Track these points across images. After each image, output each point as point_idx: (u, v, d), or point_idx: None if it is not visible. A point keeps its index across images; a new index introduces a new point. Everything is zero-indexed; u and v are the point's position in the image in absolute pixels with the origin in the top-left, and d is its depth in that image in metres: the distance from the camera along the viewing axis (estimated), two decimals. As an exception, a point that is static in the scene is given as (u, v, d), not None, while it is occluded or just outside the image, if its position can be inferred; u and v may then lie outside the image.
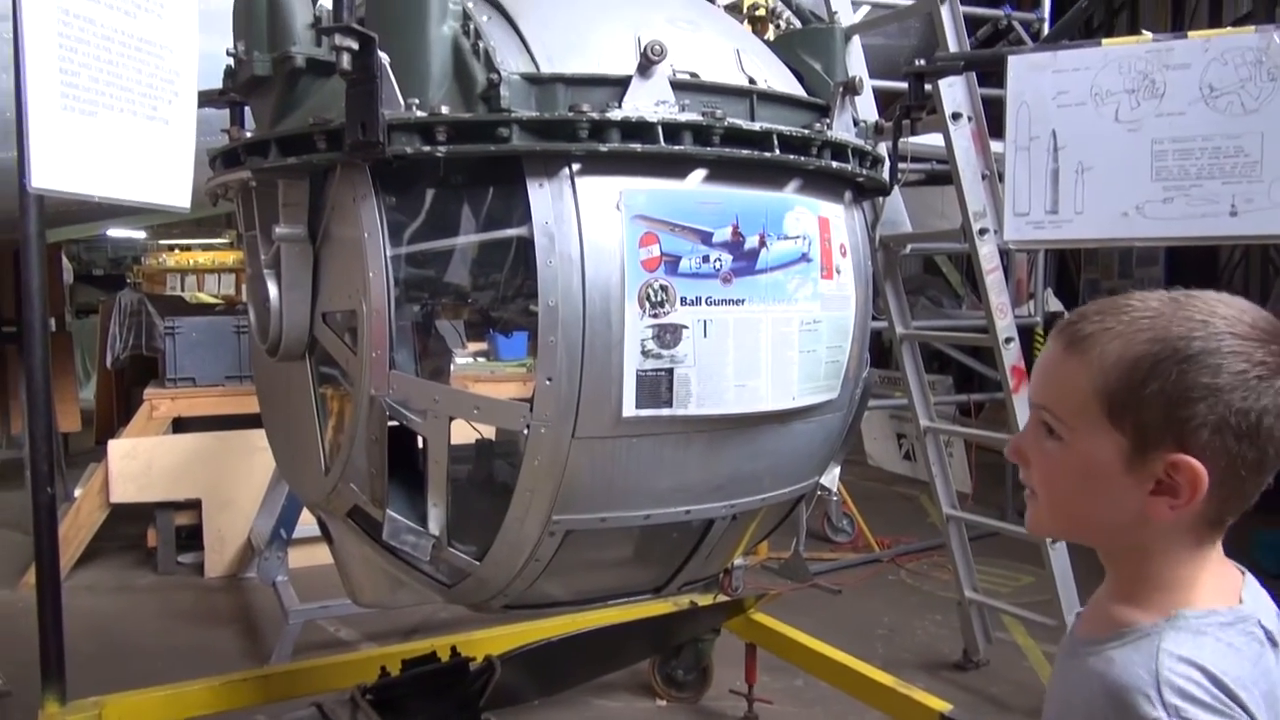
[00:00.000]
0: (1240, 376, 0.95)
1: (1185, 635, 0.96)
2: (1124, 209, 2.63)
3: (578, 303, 1.94)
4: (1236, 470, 0.97)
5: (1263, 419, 0.95)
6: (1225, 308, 0.98)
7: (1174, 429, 0.96)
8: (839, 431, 2.52)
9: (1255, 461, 0.97)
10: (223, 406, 5.58)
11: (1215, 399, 0.94)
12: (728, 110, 2.04)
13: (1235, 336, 0.96)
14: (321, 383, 2.25)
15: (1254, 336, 0.96)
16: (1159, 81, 2.55)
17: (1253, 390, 0.95)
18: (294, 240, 2.10)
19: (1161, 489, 0.98)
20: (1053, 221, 2.72)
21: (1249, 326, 0.97)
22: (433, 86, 1.95)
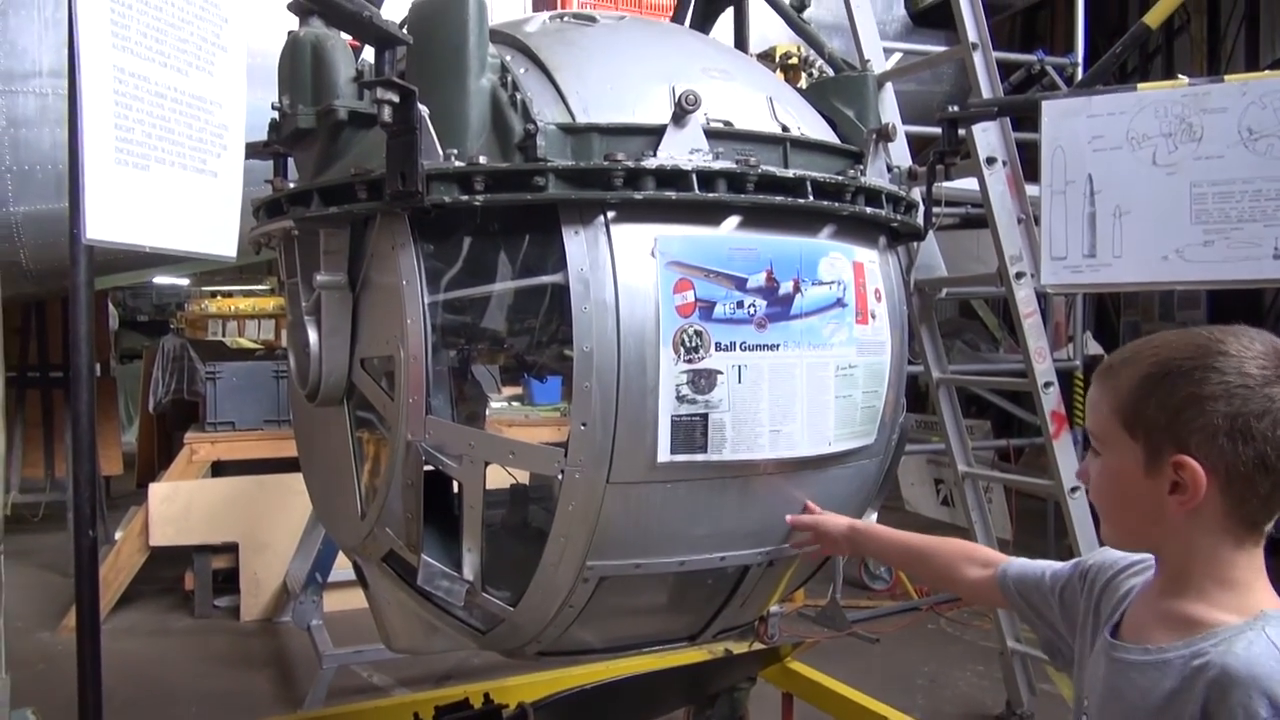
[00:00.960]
0: (1225, 386, 1.11)
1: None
2: (1164, 252, 2.60)
3: (612, 348, 1.95)
4: (1239, 470, 1.11)
5: (1250, 422, 1.10)
6: (1233, 336, 1.15)
7: (1174, 434, 1.14)
8: (876, 477, 2.49)
9: (1256, 461, 1.11)
10: (261, 450, 5.64)
11: (1203, 406, 1.12)
12: (761, 157, 2.05)
13: (1229, 355, 1.12)
14: (358, 427, 2.27)
15: (1250, 354, 1.12)
16: (1196, 125, 2.53)
17: (1238, 397, 1.10)
18: (334, 287, 2.14)
19: (1175, 489, 1.14)
20: (1091, 265, 2.69)
21: (1244, 347, 1.13)
22: (471, 137, 1.99)
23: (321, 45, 2.11)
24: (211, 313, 15.04)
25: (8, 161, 5.15)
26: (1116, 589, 1.34)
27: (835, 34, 4.97)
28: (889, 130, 2.39)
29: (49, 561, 6.41)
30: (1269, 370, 1.12)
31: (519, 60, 2.18)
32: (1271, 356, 1.13)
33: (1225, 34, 9.71)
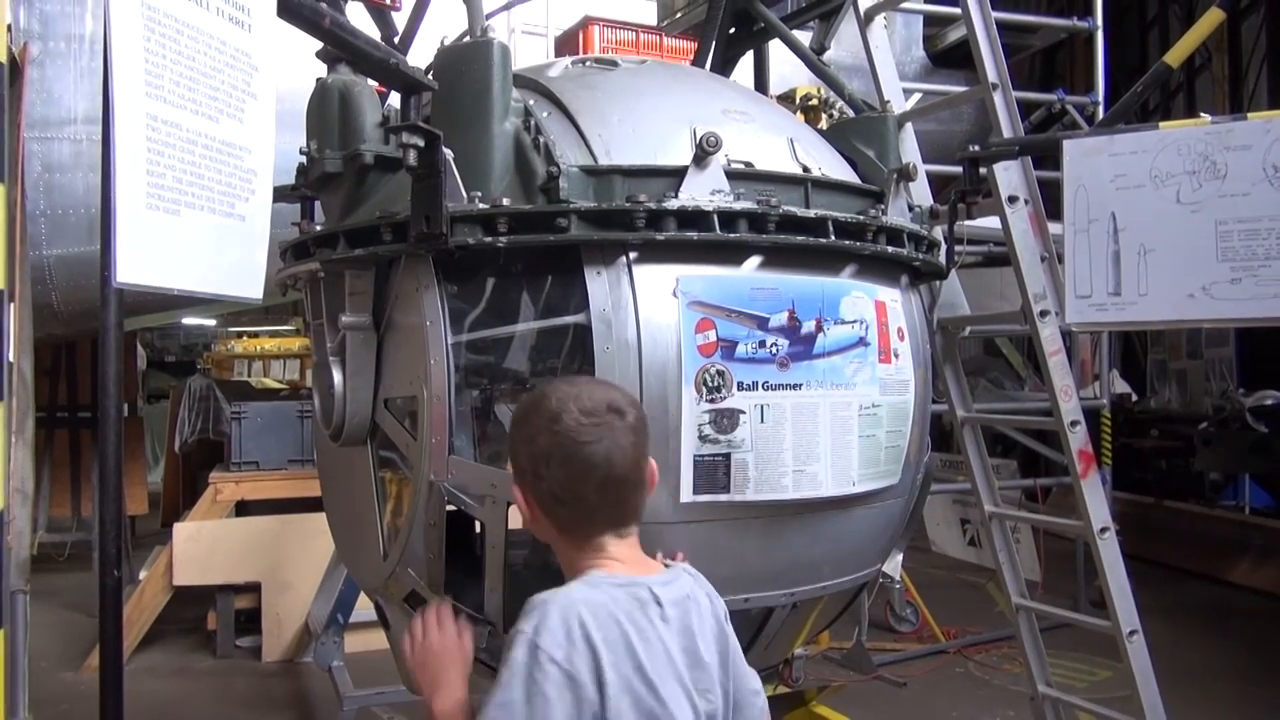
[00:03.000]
0: (529, 432, 1.49)
1: (557, 595, 1.41)
2: (1190, 290, 2.57)
3: (635, 388, 1.95)
4: (554, 492, 1.47)
5: (539, 464, 1.47)
6: (561, 388, 1.50)
7: (514, 469, 1.54)
8: (900, 517, 2.47)
9: (564, 484, 1.46)
10: (285, 490, 5.66)
11: (519, 448, 1.51)
12: (782, 198, 2.07)
13: (541, 407, 1.48)
14: (381, 467, 2.28)
15: (555, 407, 1.46)
16: (1220, 163, 2.52)
17: (535, 443, 1.48)
18: (359, 328, 2.16)
19: None
20: (1116, 303, 2.67)
21: (559, 399, 1.47)
22: (495, 179, 2.01)
23: (349, 91, 2.16)
24: (238, 353, 15.20)
25: (42, 205, 5.26)
26: None
27: (855, 75, 5.01)
28: (910, 170, 2.40)
29: (74, 601, 6.43)
30: (563, 421, 1.45)
31: (542, 104, 2.21)
32: (572, 412, 1.45)
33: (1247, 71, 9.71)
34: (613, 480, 1.46)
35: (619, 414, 1.48)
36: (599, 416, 1.46)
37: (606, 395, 1.50)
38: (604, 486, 1.46)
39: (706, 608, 1.53)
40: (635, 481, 1.50)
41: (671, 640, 1.44)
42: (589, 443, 1.45)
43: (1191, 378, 8.86)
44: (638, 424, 1.50)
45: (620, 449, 1.46)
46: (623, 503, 1.50)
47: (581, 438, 1.45)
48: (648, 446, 1.52)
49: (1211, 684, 4.97)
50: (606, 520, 1.50)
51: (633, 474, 1.49)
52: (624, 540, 1.52)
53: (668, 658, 1.43)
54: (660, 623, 1.44)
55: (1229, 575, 7.08)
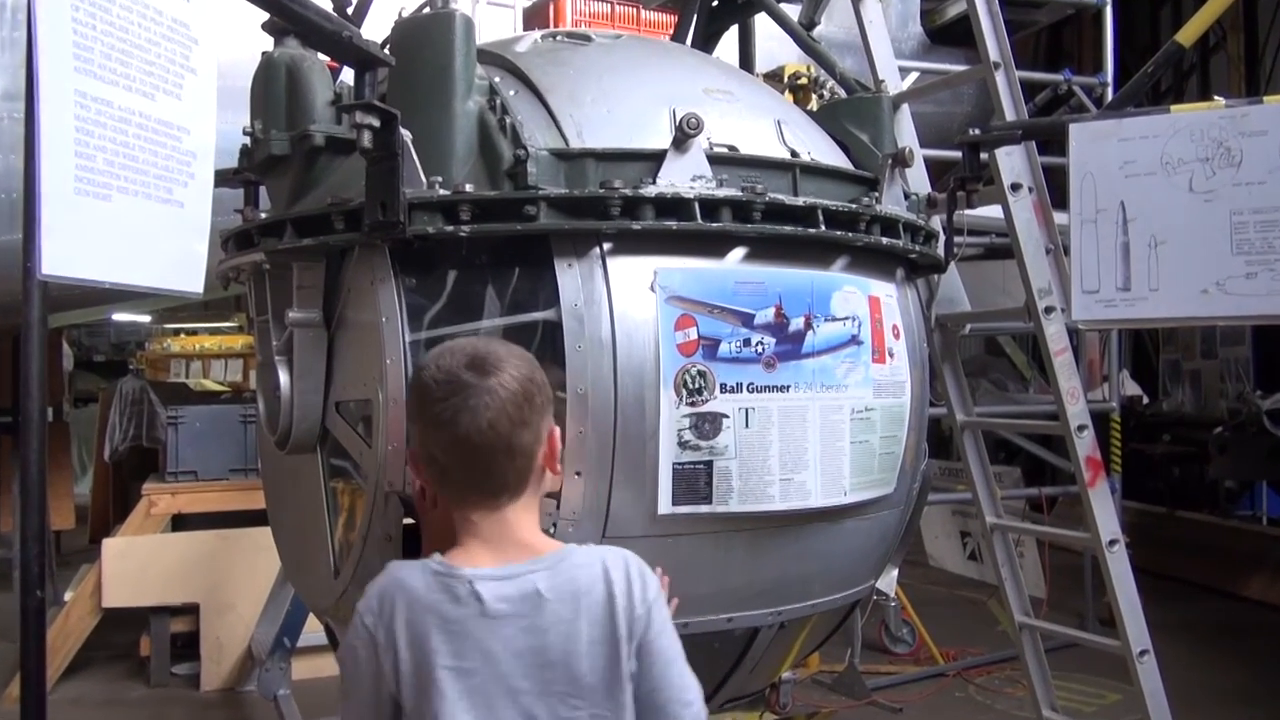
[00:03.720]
0: (416, 395, 1.59)
1: (399, 567, 1.59)
2: (1203, 285, 2.61)
3: (609, 390, 1.96)
4: (419, 452, 1.59)
5: (419, 433, 1.58)
6: (439, 354, 1.58)
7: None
8: (896, 530, 2.49)
9: (421, 442, 1.57)
10: (226, 502, 5.62)
11: (410, 411, 1.66)
12: (769, 185, 2.08)
13: (423, 370, 1.57)
14: (333, 477, 2.27)
15: (434, 370, 1.54)
16: (1235, 149, 2.56)
17: (416, 405, 1.58)
18: (308, 325, 2.15)
19: None
20: (1125, 299, 2.71)
21: (436, 364, 1.55)
22: (457, 164, 2.01)
23: (297, 67, 2.14)
24: (174, 352, 15.05)
25: (-43, 190, 5.18)
26: None
27: (847, 52, 5.04)
28: (906, 155, 2.42)
29: (-8, 625, 6.35)
30: (420, 376, 1.56)
31: (508, 82, 2.21)
32: (430, 368, 1.55)
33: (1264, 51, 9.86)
34: (464, 443, 1.52)
35: (480, 371, 1.53)
36: (452, 375, 1.53)
37: (473, 351, 1.56)
38: (453, 448, 1.53)
39: (599, 606, 1.54)
40: (499, 448, 1.52)
41: (497, 639, 1.50)
42: (439, 399, 1.52)
43: (1206, 379, 8.98)
44: (510, 384, 1.53)
45: (473, 409, 1.50)
46: (484, 470, 1.54)
47: (432, 394, 1.53)
48: (529, 412, 1.55)
49: (1228, 707, 5.04)
50: (467, 487, 1.56)
51: (493, 438, 1.52)
52: (495, 515, 1.57)
53: (484, 657, 1.49)
54: (480, 619, 1.50)
55: (1246, 590, 7.18)
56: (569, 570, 1.55)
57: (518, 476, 1.57)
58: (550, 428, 1.62)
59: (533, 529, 1.62)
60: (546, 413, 1.60)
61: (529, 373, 1.58)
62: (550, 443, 1.61)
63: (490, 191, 1.97)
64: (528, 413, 1.55)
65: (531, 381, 1.57)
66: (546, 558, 1.57)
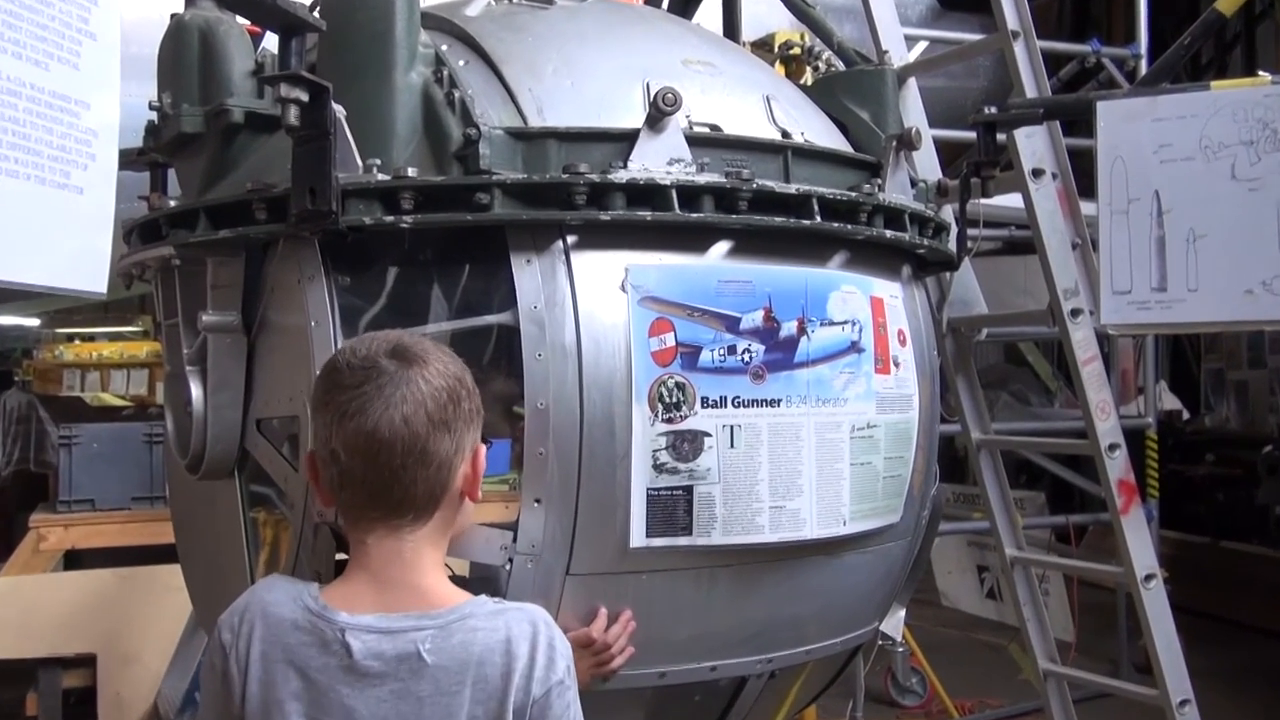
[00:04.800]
0: (317, 396, 1.57)
1: (270, 587, 1.62)
2: (1248, 285, 2.65)
3: (573, 405, 1.96)
4: (333, 472, 1.54)
5: (321, 426, 1.55)
6: (349, 345, 1.59)
7: None
8: (903, 564, 2.50)
9: (320, 436, 1.55)
10: (128, 536, 5.57)
11: (314, 415, 1.59)
12: (756, 170, 2.09)
13: (330, 363, 1.58)
14: (254, 505, 2.26)
15: (340, 363, 1.55)
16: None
17: (317, 403, 1.56)
18: (224, 330, 2.14)
19: None
20: (1160, 301, 2.74)
21: (342, 356, 1.56)
22: (398, 144, 2.01)
23: (212, 31, 2.13)
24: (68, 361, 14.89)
25: None
26: None
27: (846, 18, 5.08)
28: (913, 136, 2.45)
29: None
30: (333, 362, 1.56)
31: (458, 50, 2.21)
32: (345, 353, 1.55)
33: (1317, 20, 10.01)
34: (371, 437, 1.49)
35: (403, 360, 1.52)
36: (370, 360, 1.52)
37: (398, 340, 1.55)
38: (358, 444, 1.50)
39: (491, 682, 1.50)
40: (412, 449, 1.50)
41: (363, 701, 1.49)
42: (349, 386, 1.51)
43: (1254, 391, 9.09)
44: (435, 379, 1.52)
45: (388, 399, 1.49)
46: (389, 475, 1.51)
47: (343, 380, 1.52)
48: (453, 415, 1.53)
49: (1278, 764, 5.09)
50: (367, 498, 1.54)
51: (406, 436, 1.50)
52: (392, 542, 1.55)
53: (345, 717, 1.49)
54: (346, 674, 1.50)
55: (1299, 632, 7.26)
56: (464, 633, 1.52)
57: (428, 492, 1.54)
58: (476, 446, 1.60)
59: (434, 571, 1.60)
60: (474, 425, 1.59)
61: (459, 374, 1.57)
62: (474, 463, 1.59)
63: (436, 176, 1.97)
64: (451, 415, 1.53)
65: (461, 383, 1.56)
66: (440, 614, 1.53)
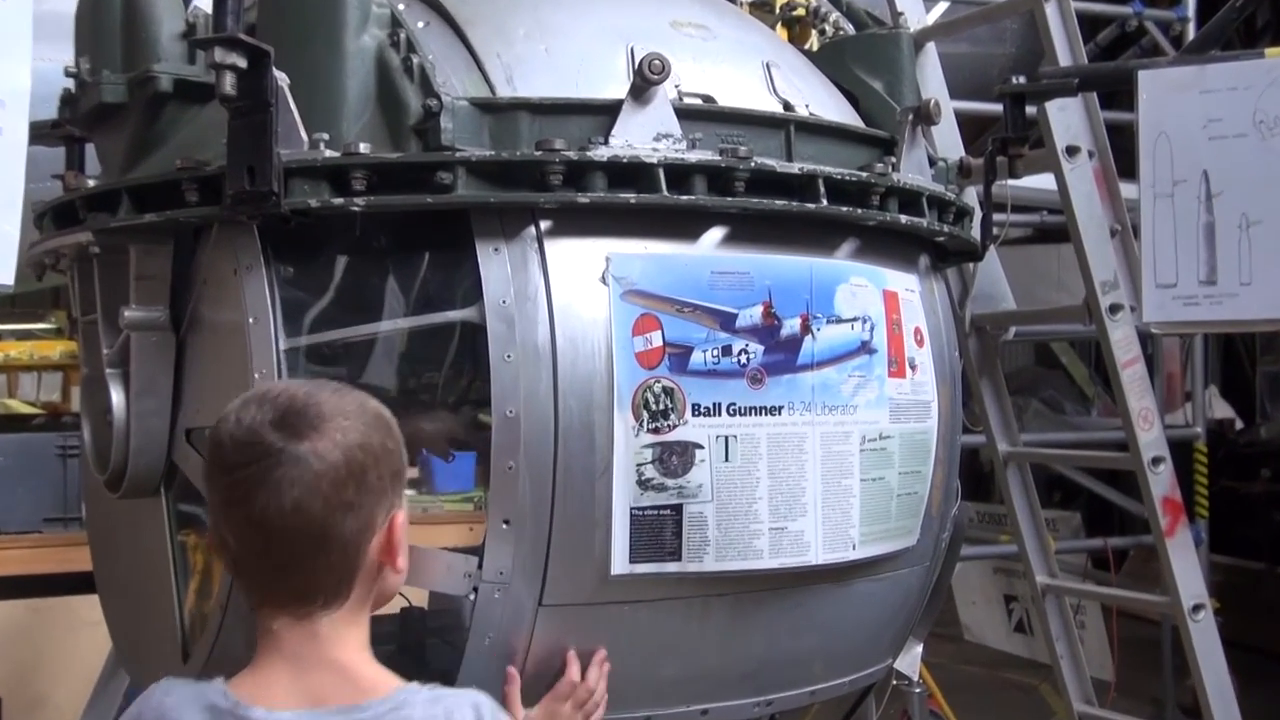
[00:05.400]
0: (204, 472, 1.58)
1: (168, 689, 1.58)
2: (1309, 277, 2.67)
3: (547, 413, 1.96)
4: (228, 558, 1.56)
5: (210, 507, 1.56)
6: (254, 401, 1.54)
7: None
8: (920, 594, 2.51)
9: (231, 548, 1.54)
10: (38, 563, 5.54)
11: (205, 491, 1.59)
12: (755, 147, 2.09)
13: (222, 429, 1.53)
14: (182, 527, 2.25)
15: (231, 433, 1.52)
16: (1348, 104, 2.62)
17: (205, 481, 1.57)
18: (150, 327, 2.13)
19: None
20: (1210, 296, 2.75)
21: (233, 415, 1.52)
22: (348, 117, 2.01)
23: (137, -13, 2.14)
24: (-32, 363, 14.81)
25: None
26: None
27: (857, -24, 5.09)
28: (931, 109, 2.45)
29: None
30: (218, 431, 1.54)
31: (416, 10, 2.21)
32: (230, 420, 1.51)
33: (1386, -22, 10.08)
34: (260, 528, 1.48)
35: (291, 432, 1.48)
36: (253, 434, 1.49)
37: (288, 403, 1.51)
38: (247, 533, 1.50)
39: None
40: (308, 536, 1.48)
41: None
42: (232, 468, 1.50)
43: (1316, 398, 9.13)
44: (329, 453, 1.49)
45: (275, 488, 1.46)
46: (286, 565, 1.50)
47: (225, 459, 1.52)
48: (355, 491, 1.50)
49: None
50: (266, 586, 1.54)
51: (299, 525, 1.47)
52: (304, 627, 1.53)
53: None
54: None
55: (1366, 669, 7.30)
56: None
57: (335, 578, 1.52)
58: (393, 513, 1.57)
59: (358, 652, 1.57)
60: (388, 494, 1.55)
61: (362, 437, 1.52)
62: (390, 532, 1.56)
63: (391, 153, 1.96)
64: (353, 493, 1.50)
65: (364, 449, 1.51)
66: (371, 704, 1.51)
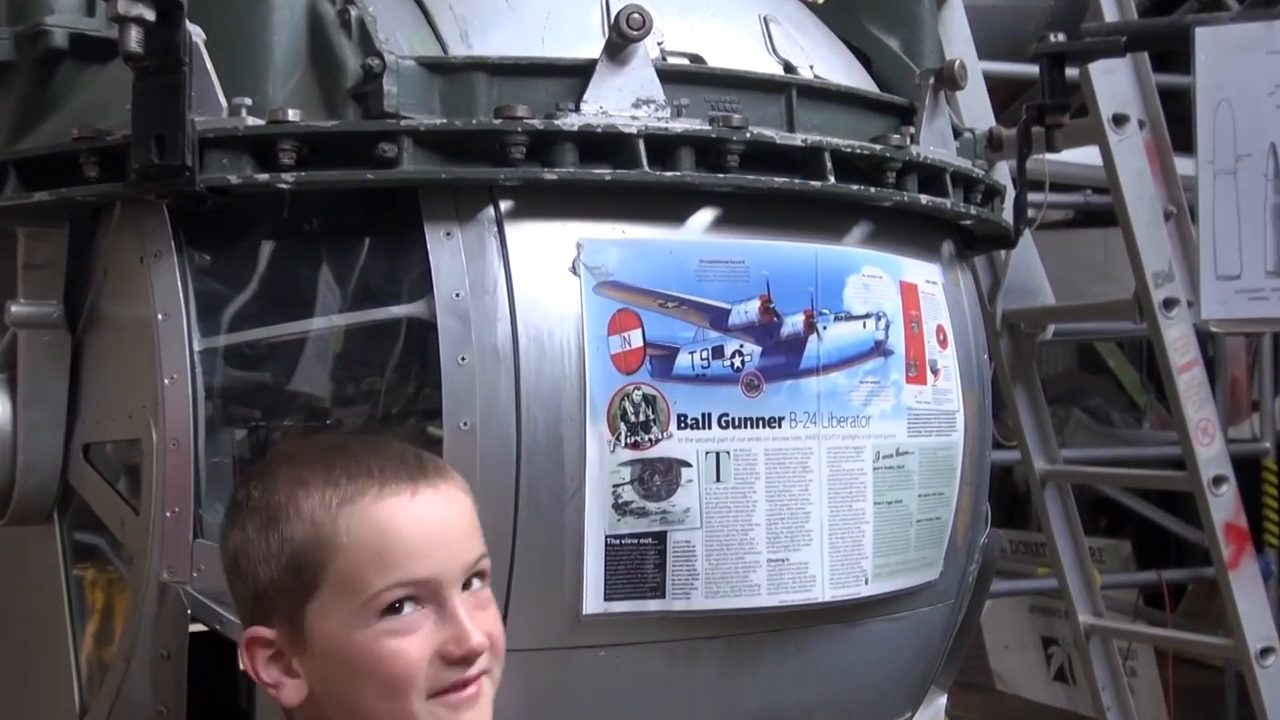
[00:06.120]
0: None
1: None
2: (1393, 268, 2.68)
3: (508, 426, 1.96)
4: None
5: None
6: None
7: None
8: (943, 636, 2.52)
9: None
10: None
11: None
12: (751, 115, 2.10)
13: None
14: (79, 559, 2.25)
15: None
16: None
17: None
18: (41, 324, 2.13)
19: None
20: (1278, 289, 2.77)
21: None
22: (275, 78, 2.00)
23: (25, -73, 2.13)
24: None
25: None
26: None
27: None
28: (956, 71, 2.46)
29: None
30: None
31: (355, -47, 2.21)
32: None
33: None
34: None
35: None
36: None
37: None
38: None
39: None
40: None
41: None
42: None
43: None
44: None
45: None
46: None
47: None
48: None
49: None
50: None
51: None
52: None
53: None
54: None
55: None
56: None
57: None
58: None
59: None
60: None
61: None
62: None
63: (326, 121, 1.96)
64: None
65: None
66: None
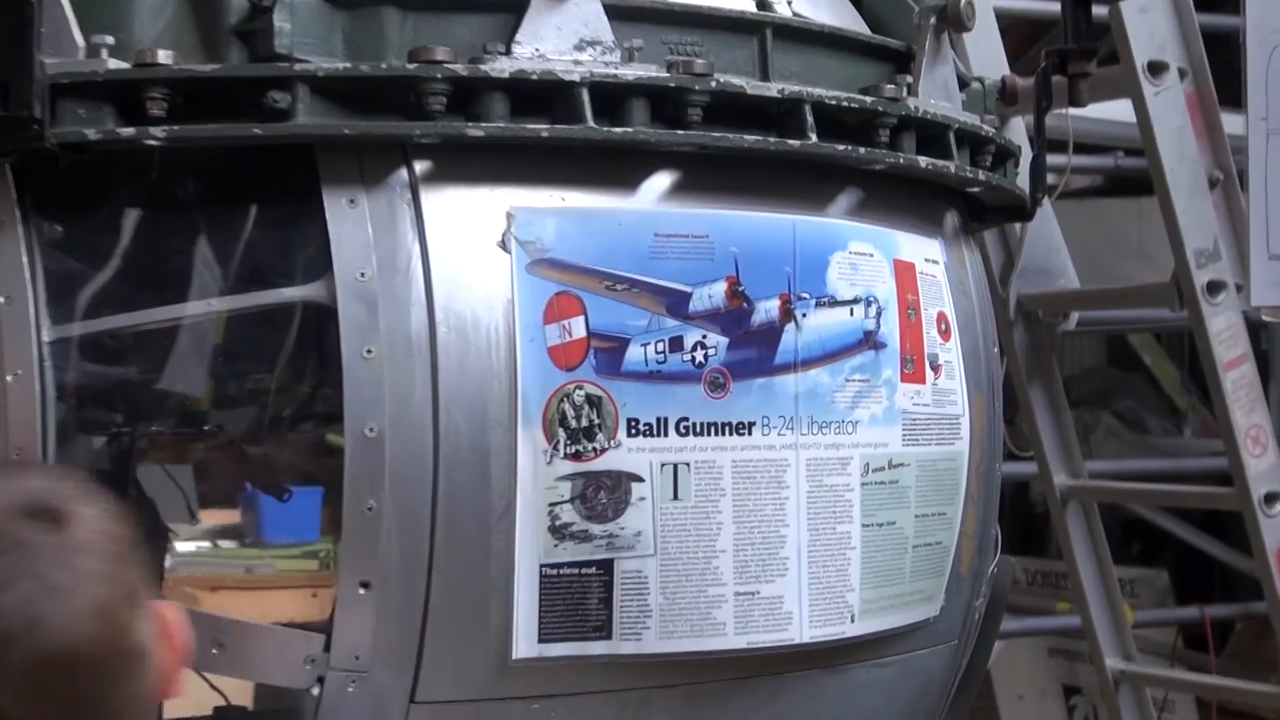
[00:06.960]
0: None
1: None
2: None
3: (423, 433, 1.96)
4: None
5: None
6: None
7: None
8: (943, 682, 2.53)
9: None
10: None
11: None
12: (718, 59, 2.10)
13: None
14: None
15: None
16: None
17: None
18: None
19: None
20: (1341, 271, 2.80)
21: None
22: (142, 13, 1.99)
23: None
24: None
25: None
26: None
27: None
28: (961, 9, 2.47)
29: None
30: None
31: None
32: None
33: None
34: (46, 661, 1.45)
35: (53, 522, 1.51)
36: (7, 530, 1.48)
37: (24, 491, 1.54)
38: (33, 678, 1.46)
39: None
40: (102, 663, 1.50)
41: None
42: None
43: None
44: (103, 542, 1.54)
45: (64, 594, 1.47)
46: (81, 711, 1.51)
47: None
48: (124, 589, 1.53)
49: None
50: None
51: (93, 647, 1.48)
52: None
53: None
54: None
55: None
56: None
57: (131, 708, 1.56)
58: None
59: None
60: None
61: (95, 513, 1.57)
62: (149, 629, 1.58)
63: (205, 65, 1.96)
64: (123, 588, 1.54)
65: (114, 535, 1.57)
66: None
